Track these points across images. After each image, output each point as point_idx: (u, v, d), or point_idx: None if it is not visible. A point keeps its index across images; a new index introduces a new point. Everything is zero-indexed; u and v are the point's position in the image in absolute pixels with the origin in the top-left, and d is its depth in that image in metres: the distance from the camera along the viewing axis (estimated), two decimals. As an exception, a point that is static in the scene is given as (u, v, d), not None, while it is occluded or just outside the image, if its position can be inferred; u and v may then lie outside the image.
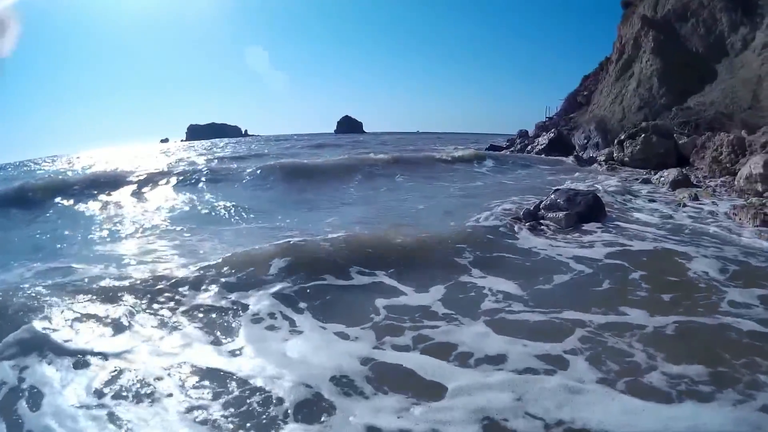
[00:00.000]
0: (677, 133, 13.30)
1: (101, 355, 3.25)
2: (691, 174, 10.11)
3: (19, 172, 23.76)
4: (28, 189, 10.89)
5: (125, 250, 6.07)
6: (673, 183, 9.25)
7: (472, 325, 3.61)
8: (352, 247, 5.29)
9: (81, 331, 3.59)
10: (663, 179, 9.76)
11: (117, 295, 4.17)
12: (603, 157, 14.42)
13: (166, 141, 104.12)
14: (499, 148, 21.77)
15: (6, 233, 7.72)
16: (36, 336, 3.46)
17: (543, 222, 6.46)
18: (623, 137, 13.23)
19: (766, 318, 3.47)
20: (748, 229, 5.83)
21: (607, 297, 4.03)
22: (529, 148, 18.62)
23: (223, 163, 17.64)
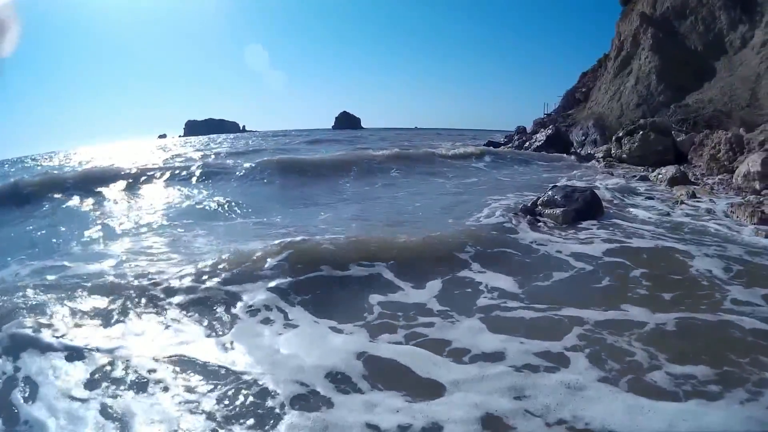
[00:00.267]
0: (675, 130, 13.28)
1: (96, 349, 3.24)
2: (689, 171, 10.08)
3: (15, 168, 23.64)
4: (23, 185, 10.77)
5: (120, 246, 6.03)
6: (671, 180, 9.22)
7: (468, 321, 3.60)
8: (349, 244, 5.25)
9: (75, 326, 3.57)
10: (661, 176, 9.73)
11: (112, 291, 4.14)
12: (601, 154, 14.38)
13: (163, 137, 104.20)
14: (497, 144, 21.71)
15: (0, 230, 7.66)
16: (31, 331, 3.44)
17: (541, 219, 6.44)
18: (621, 134, 13.18)
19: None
20: (746, 226, 5.80)
21: (607, 294, 4.01)
22: (526, 145, 18.54)
23: (219, 159, 17.57)
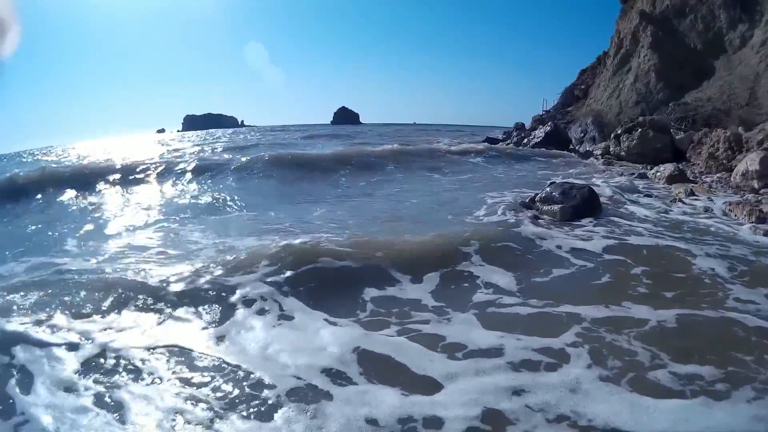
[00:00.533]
0: (674, 128, 13.27)
1: (91, 342, 3.26)
2: (688, 169, 10.07)
3: (12, 163, 23.45)
4: (18, 180, 10.64)
5: (115, 241, 6.01)
6: (669, 178, 9.20)
7: (464, 316, 3.59)
8: (346, 240, 5.23)
9: (70, 320, 3.55)
10: (659, 174, 9.71)
11: (107, 286, 4.13)
12: (599, 151, 14.36)
13: (162, 131, 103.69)
14: (496, 140, 21.65)
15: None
16: (26, 325, 3.45)
17: (539, 216, 6.42)
18: (620, 131, 13.15)
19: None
20: (744, 225, 5.80)
21: (608, 291, 3.99)
22: (525, 141, 18.50)
23: (216, 154, 17.49)
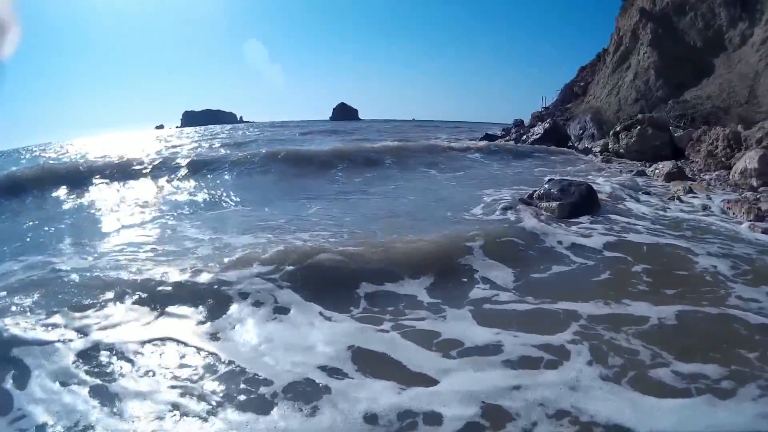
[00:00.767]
0: (673, 125, 13.26)
1: (86, 338, 3.24)
2: (686, 167, 10.06)
3: (8, 160, 23.25)
4: (13, 178, 10.55)
5: (110, 238, 5.99)
6: (668, 176, 9.20)
7: (461, 312, 3.59)
8: (342, 236, 5.22)
9: (66, 317, 3.54)
10: (658, 171, 9.71)
11: (103, 283, 4.11)
12: (598, 148, 14.35)
13: (161, 127, 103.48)
14: (494, 137, 21.57)
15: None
16: (22, 323, 3.44)
17: (537, 213, 6.39)
18: (619, 129, 13.12)
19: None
20: (742, 223, 5.79)
21: (608, 289, 3.97)
22: (524, 138, 18.45)
23: (213, 151, 17.35)
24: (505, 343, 3.10)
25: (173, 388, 2.70)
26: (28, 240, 6.09)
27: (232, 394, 2.65)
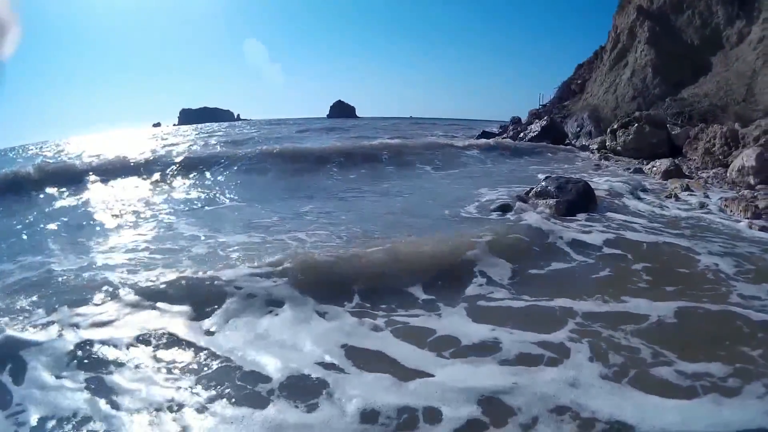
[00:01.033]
0: (670, 123, 13.25)
1: (83, 334, 3.24)
2: (684, 165, 10.06)
3: (3, 159, 23.10)
4: (8, 178, 10.35)
5: (105, 237, 5.97)
6: (666, 173, 9.18)
7: (458, 310, 3.57)
8: (338, 233, 5.18)
9: (61, 314, 3.51)
10: (655, 169, 9.70)
11: (99, 280, 4.12)
12: (596, 146, 14.35)
13: (158, 125, 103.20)
14: (492, 134, 21.55)
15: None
16: (18, 320, 3.44)
17: (536, 209, 6.37)
18: (616, 126, 13.11)
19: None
20: (740, 221, 5.78)
21: (608, 287, 3.94)
22: (521, 135, 18.41)
23: (209, 149, 17.36)
24: (504, 340, 3.08)
25: (169, 383, 2.71)
26: (24, 239, 6.07)
27: (228, 390, 2.65)
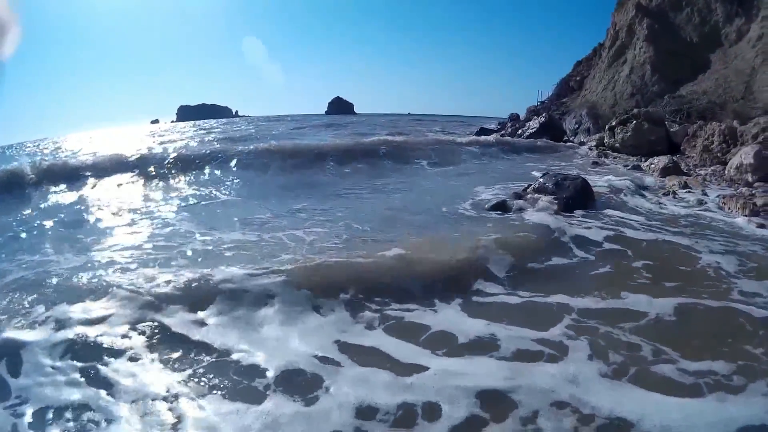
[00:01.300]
0: (669, 120, 13.24)
1: (78, 329, 3.23)
2: (682, 162, 10.04)
3: (1, 158, 23.00)
4: (4, 176, 10.29)
5: (101, 234, 5.90)
6: (664, 170, 9.17)
7: (456, 307, 3.55)
8: (335, 233, 5.16)
9: (60, 309, 3.51)
10: (653, 166, 9.68)
11: (94, 279, 4.08)
12: (594, 143, 14.35)
13: (156, 122, 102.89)
14: (490, 131, 21.53)
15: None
16: (15, 318, 3.43)
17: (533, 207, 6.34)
18: (614, 123, 13.10)
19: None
20: (737, 218, 5.77)
21: (607, 284, 3.92)
22: (519, 132, 18.40)
23: (205, 146, 17.16)
24: (501, 336, 3.07)
25: (164, 378, 2.72)
26: (20, 236, 6.01)
27: (224, 384, 2.66)
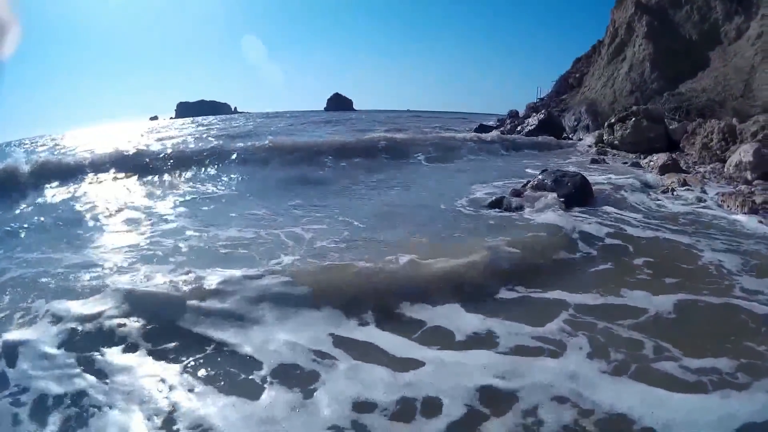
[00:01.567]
0: (668, 118, 13.24)
1: (74, 325, 3.24)
2: (681, 159, 10.03)
3: (-1, 154, 22.89)
4: (2, 174, 10.30)
5: (98, 232, 5.95)
6: (663, 168, 9.15)
7: (454, 306, 3.53)
8: (332, 230, 5.15)
9: (56, 310, 3.47)
10: (652, 163, 9.69)
11: (92, 278, 4.09)
12: (593, 140, 14.34)
13: (155, 119, 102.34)
14: (489, 128, 21.53)
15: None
16: (13, 319, 3.46)
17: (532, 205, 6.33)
18: (613, 120, 13.10)
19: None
20: (736, 215, 5.77)
21: (608, 281, 3.92)
22: (518, 129, 18.41)
23: (202, 143, 17.05)
24: (500, 333, 3.07)
25: (160, 372, 2.74)
26: (19, 234, 5.99)
27: (219, 378, 2.68)
